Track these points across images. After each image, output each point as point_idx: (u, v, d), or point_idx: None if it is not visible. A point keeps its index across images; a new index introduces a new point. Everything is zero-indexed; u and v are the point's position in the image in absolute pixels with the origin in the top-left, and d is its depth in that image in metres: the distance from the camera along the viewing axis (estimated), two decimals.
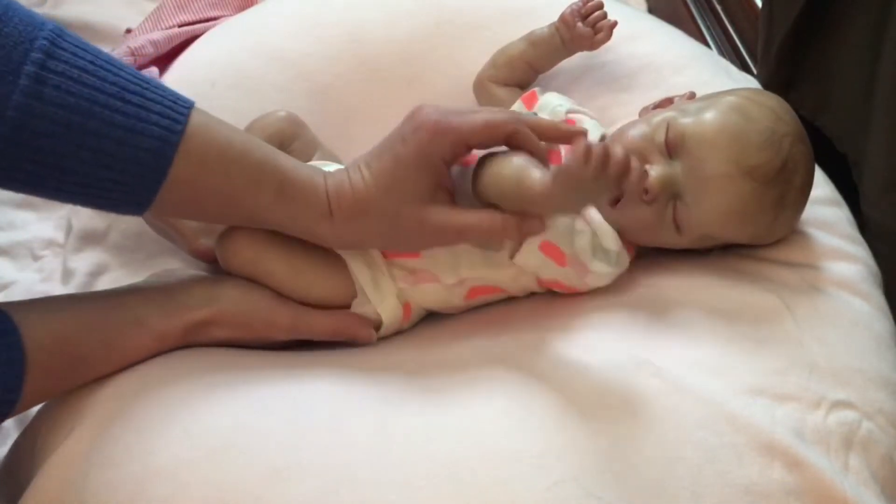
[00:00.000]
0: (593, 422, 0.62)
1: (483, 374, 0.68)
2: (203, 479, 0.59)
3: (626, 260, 0.76)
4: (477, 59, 0.89)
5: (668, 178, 0.73)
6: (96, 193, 0.64)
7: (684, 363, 0.67)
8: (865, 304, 0.75)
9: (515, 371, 0.68)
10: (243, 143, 0.68)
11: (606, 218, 0.75)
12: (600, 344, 0.70)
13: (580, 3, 0.85)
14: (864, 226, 0.87)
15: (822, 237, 0.80)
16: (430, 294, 0.78)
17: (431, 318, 0.81)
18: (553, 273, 0.76)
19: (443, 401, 0.65)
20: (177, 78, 0.96)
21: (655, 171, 0.74)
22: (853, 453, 0.64)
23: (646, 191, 0.73)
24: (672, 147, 0.74)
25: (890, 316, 0.76)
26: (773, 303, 0.72)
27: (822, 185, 0.86)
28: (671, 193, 0.74)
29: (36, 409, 0.73)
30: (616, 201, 0.73)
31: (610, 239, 0.75)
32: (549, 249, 0.74)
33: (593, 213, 0.75)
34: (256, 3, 1.10)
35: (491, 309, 0.80)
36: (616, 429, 0.61)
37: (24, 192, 0.65)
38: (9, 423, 0.80)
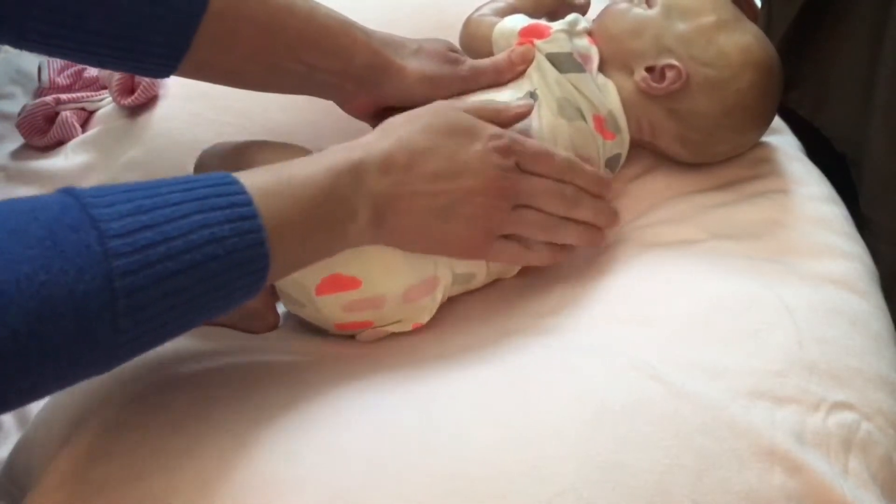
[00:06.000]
0: (592, 428, 0.61)
1: (475, 380, 0.67)
2: None
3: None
4: None
5: None
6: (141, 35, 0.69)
7: (683, 364, 0.66)
8: (863, 302, 0.74)
9: (508, 375, 0.67)
10: None
11: None
12: (597, 344, 0.70)
13: None
14: (864, 226, 0.87)
15: (818, 234, 0.80)
16: None
17: None
18: None
19: (437, 409, 0.64)
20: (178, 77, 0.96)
21: None
22: (852, 455, 0.64)
23: None
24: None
25: (888, 314, 0.76)
26: (772, 301, 0.71)
27: (818, 183, 0.86)
28: None
29: (35, 409, 0.73)
30: None
31: None
32: None
33: None
34: None
35: (478, 304, 0.80)
36: (615, 436, 0.61)
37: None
38: (9, 423, 0.80)
